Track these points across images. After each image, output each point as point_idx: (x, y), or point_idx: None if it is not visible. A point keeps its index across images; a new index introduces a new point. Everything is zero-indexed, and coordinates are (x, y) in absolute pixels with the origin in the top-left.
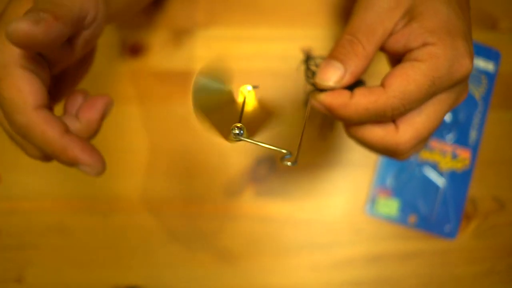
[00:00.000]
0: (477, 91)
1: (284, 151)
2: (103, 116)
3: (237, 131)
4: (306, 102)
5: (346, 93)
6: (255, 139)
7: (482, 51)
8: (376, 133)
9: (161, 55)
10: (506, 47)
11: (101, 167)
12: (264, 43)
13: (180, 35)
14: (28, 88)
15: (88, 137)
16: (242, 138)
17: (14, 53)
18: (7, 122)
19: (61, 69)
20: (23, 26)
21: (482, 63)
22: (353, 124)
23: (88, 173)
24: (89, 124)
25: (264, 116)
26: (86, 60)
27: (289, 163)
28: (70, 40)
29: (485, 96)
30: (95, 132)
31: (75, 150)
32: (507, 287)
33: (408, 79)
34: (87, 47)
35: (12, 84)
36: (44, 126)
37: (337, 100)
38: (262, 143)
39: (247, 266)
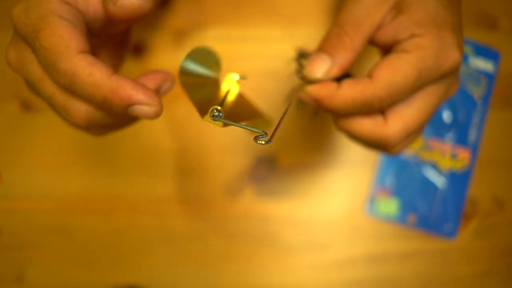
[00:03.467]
0: (476, 91)
1: (259, 131)
2: (158, 89)
3: (216, 113)
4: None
5: (333, 84)
6: (232, 121)
7: (482, 51)
8: (365, 125)
9: (162, 55)
10: (505, 47)
11: (159, 105)
12: (264, 43)
13: (181, 35)
14: (69, 35)
15: None
16: (221, 120)
17: (51, 4)
18: (49, 76)
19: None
20: (135, 1)
21: (481, 63)
22: (341, 117)
23: (147, 115)
24: None
25: (244, 111)
26: (126, 38)
27: (262, 142)
28: None
29: (484, 96)
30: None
31: (127, 88)
32: (506, 287)
33: (395, 70)
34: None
35: (53, 32)
36: (90, 68)
37: (324, 91)
38: (239, 125)
39: (247, 266)
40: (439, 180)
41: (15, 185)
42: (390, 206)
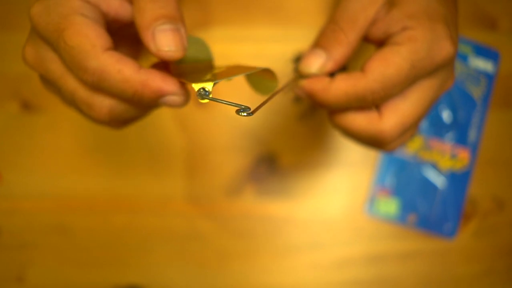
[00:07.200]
0: (476, 91)
1: (242, 106)
2: None
3: (202, 92)
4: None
5: (326, 78)
6: (218, 99)
7: (481, 51)
8: (359, 120)
9: None
10: (505, 47)
11: (187, 94)
12: (264, 43)
13: None
14: (93, 33)
15: None
16: (208, 98)
17: (73, 3)
18: (75, 74)
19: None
20: None
21: (481, 63)
22: (335, 112)
23: (177, 104)
24: None
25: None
26: None
27: (244, 114)
28: None
29: (484, 96)
30: None
31: (157, 81)
32: (506, 287)
33: (387, 62)
34: None
35: (77, 31)
36: (119, 65)
37: (317, 85)
38: (224, 101)
39: (247, 266)
40: (439, 180)
41: (15, 185)
42: (390, 206)
